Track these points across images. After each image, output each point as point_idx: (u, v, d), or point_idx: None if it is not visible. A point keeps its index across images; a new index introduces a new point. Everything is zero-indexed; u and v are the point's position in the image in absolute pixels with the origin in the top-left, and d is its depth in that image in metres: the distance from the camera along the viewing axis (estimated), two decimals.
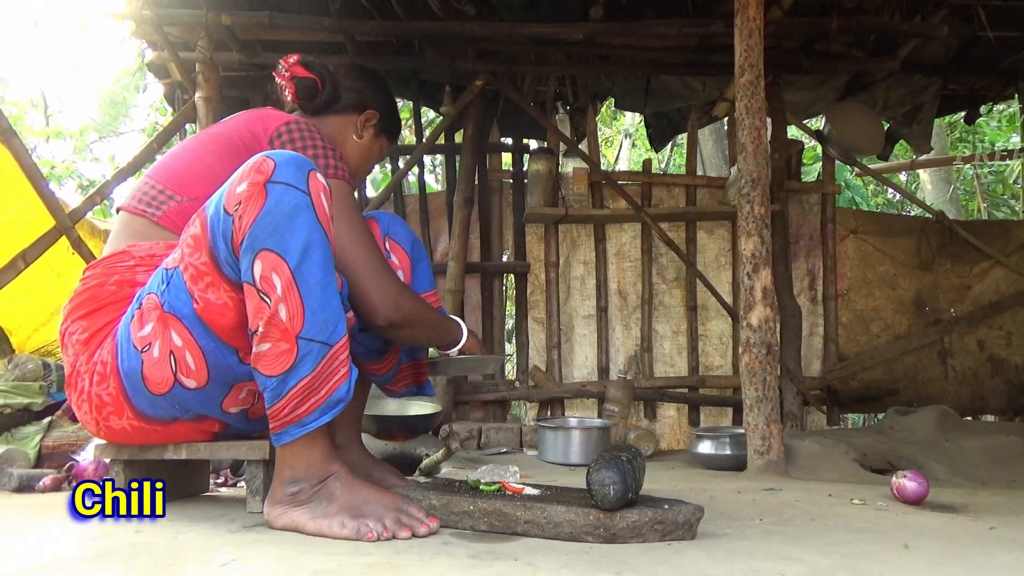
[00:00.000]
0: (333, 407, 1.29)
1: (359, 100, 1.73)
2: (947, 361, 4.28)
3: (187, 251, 1.30)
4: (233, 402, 1.40)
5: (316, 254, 1.25)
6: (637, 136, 10.14)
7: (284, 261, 1.23)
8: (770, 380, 2.43)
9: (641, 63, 3.95)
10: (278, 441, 1.30)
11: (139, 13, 3.38)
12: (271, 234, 1.23)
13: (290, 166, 1.26)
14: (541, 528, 1.27)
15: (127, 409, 1.37)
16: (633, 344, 4.08)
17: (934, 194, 8.87)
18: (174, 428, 1.41)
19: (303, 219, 1.24)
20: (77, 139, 9.97)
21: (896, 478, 1.86)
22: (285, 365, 1.24)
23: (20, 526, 1.39)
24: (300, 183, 1.26)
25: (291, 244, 1.23)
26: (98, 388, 1.37)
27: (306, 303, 1.24)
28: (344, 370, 1.29)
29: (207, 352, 1.31)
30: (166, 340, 1.31)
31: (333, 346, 1.27)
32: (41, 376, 2.58)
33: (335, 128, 1.71)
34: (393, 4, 3.61)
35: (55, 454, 2.25)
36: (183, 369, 1.32)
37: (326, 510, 1.26)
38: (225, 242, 1.25)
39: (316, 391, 1.26)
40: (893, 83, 4.17)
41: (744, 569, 1.11)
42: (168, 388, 1.33)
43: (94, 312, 1.39)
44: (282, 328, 1.23)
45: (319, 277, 1.25)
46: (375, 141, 1.77)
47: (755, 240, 2.47)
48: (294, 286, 1.23)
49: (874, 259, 4.27)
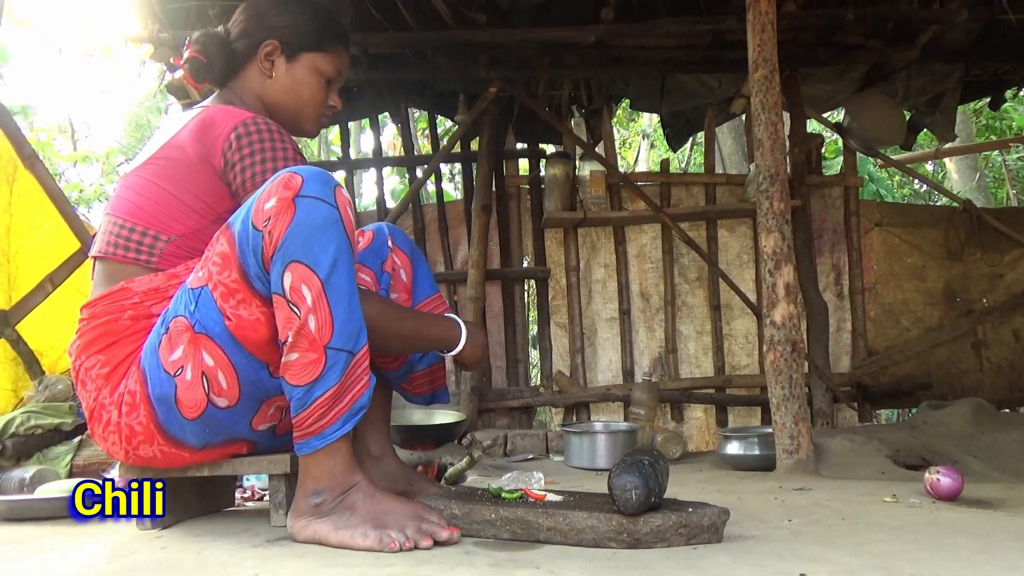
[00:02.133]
0: (355, 415, 1.29)
1: (251, 40, 1.55)
2: (981, 352, 4.18)
3: (215, 269, 1.30)
4: (262, 419, 1.41)
5: (344, 266, 1.26)
6: (655, 136, 10.09)
7: (314, 273, 1.24)
8: (796, 378, 2.39)
9: (655, 63, 3.93)
10: (301, 451, 1.30)
11: (156, 36, 3.44)
12: (301, 246, 1.24)
13: (317, 180, 1.27)
14: (564, 535, 1.26)
15: (158, 436, 1.36)
16: (657, 346, 4.05)
17: (961, 182, 8.71)
18: (204, 454, 1.42)
19: (333, 232, 1.26)
20: (104, 162, 10.16)
21: (929, 474, 1.81)
22: (313, 375, 1.25)
23: (51, 544, 1.41)
24: (328, 196, 1.27)
25: (321, 257, 1.24)
26: (128, 419, 1.36)
27: (335, 314, 1.25)
28: (366, 378, 1.31)
29: (239, 369, 1.32)
30: (198, 361, 1.31)
31: (356, 354, 1.28)
32: (71, 396, 2.63)
33: (249, 85, 1.56)
34: (404, 15, 3.63)
35: (85, 472, 2.28)
36: (215, 388, 1.32)
37: (348, 521, 1.26)
38: (255, 257, 1.26)
39: (341, 399, 1.27)
40: (913, 71, 4.09)
41: (772, 571, 1.08)
42: (201, 411, 1.33)
43: (111, 346, 1.39)
44: (311, 338, 1.24)
45: (347, 288, 1.27)
46: (293, 67, 1.55)
47: (775, 236, 2.43)
48: (324, 297, 1.24)
49: (901, 251, 4.20)
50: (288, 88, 1.56)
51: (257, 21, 1.55)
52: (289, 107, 1.58)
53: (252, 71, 1.56)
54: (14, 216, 3.09)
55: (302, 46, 1.55)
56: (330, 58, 1.58)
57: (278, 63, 1.55)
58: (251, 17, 1.57)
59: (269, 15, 1.56)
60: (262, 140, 1.41)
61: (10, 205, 3.08)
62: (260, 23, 1.55)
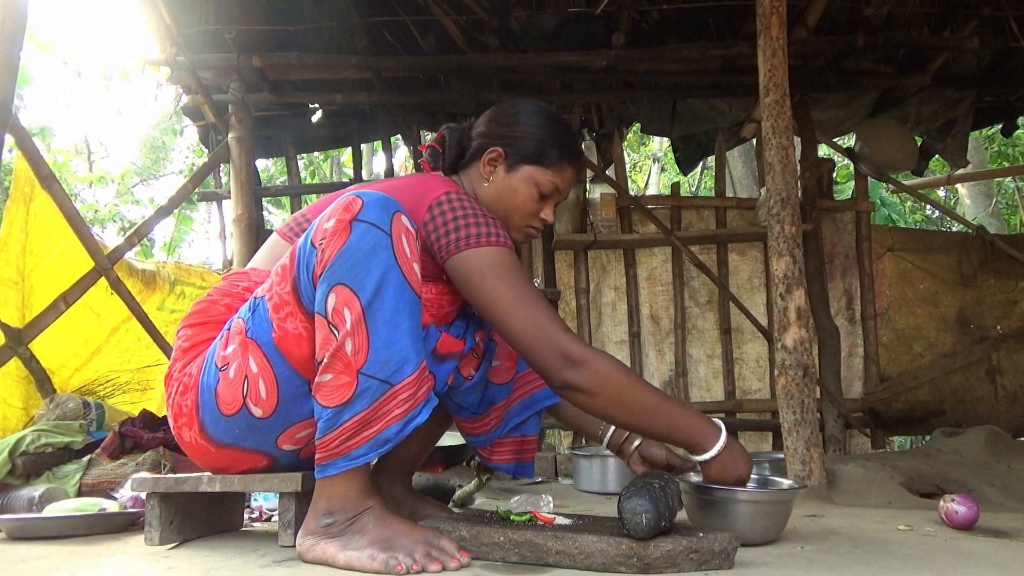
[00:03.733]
0: (381, 445, 1.27)
1: (482, 143, 1.59)
2: (996, 379, 4.14)
3: (276, 280, 1.34)
4: (288, 439, 1.41)
5: (389, 294, 1.25)
6: (666, 160, 10.13)
7: (357, 297, 1.24)
8: (808, 403, 2.37)
9: (666, 87, 3.96)
10: (322, 472, 1.29)
11: (173, 59, 3.50)
12: (349, 270, 1.25)
13: (376, 206, 1.28)
14: (573, 559, 1.25)
15: (196, 423, 1.40)
16: (667, 369, 4.03)
17: (974, 209, 8.68)
18: (226, 453, 1.42)
19: (381, 258, 1.25)
20: (119, 183, 10.28)
21: (944, 502, 1.79)
22: (343, 397, 1.25)
23: (60, 563, 1.40)
24: (383, 223, 1.27)
25: (366, 282, 1.25)
26: (180, 398, 1.42)
27: (372, 340, 1.24)
28: (399, 411, 1.27)
29: (281, 380, 1.34)
30: (243, 364, 1.34)
31: (394, 385, 1.26)
32: (81, 415, 2.63)
33: (469, 181, 1.61)
34: (418, 39, 3.68)
35: (95, 491, 2.27)
36: (252, 395, 1.34)
37: (357, 543, 1.25)
38: (307, 273, 1.29)
39: (369, 426, 1.26)
40: (925, 98, 4.11)
41: None
42: (236, 410, 1.36)
43: (201, 325, 1.46)
44: (345, 361, 1.24)
45: (388, 316, 1.25)
46: (510, 177, 1.56)
47: (787, 260, 2.43)
48: (363, 322, 1.24)
49: (913, 276, 4.17)
50: (500, 194, 1.58)
51: (492, 126, 1.60)
52: (498, 212, 1.58)
53: (475, 170, 1.60)
54: (30, 235, 3.12)
55: (524, 158, 1.56)
56: (550, 174, 1.57)
57: (499, 170, 1.57)
58: (489, 120, 1.62)
59: (503, 122, 1.60)
60: (464, 206, 1.44)
61: (26, 224, 3.11)
62: (494, 128, 1.59)
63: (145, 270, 3.59)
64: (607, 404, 1.37)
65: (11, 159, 4.46)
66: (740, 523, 1.47)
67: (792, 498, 1.58)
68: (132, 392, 3.37)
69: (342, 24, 3.62)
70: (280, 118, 4.11)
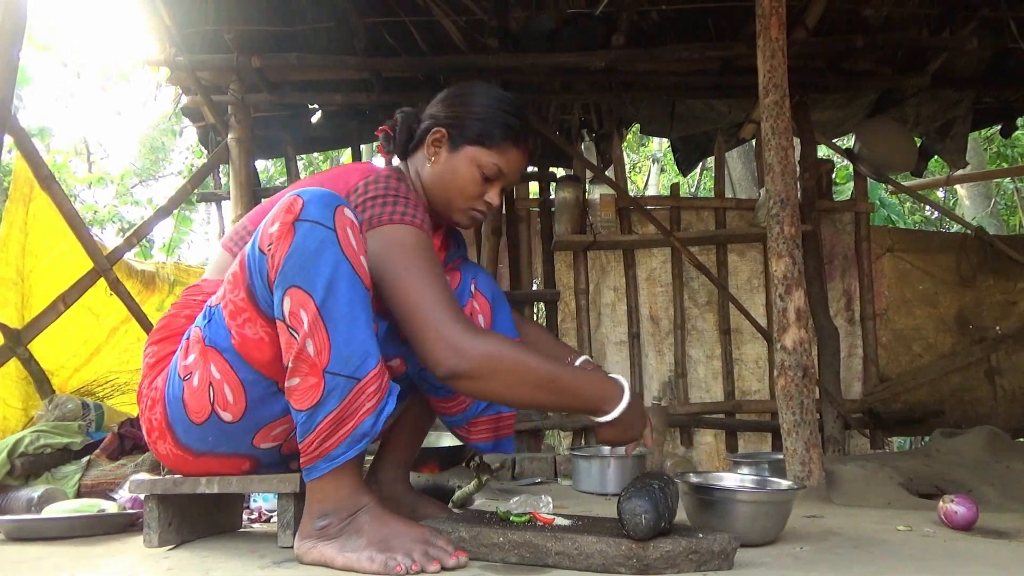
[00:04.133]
0: (359, 441, 1.28)
1: (428, 124, 1.57)
2: (995, 380, 4.13)
3: (228, 288, 1.34)
4: (265, 438, 1.42)
5: (341, 289, 1.25)
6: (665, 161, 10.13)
7: (311, 297, 1.24)
8: (808, 403, 2.37)
9: (665, 88, 3.96)
10: (308, 476, 1.30)
11: (173, 60, 3.50)
12: (299, 271, 1.25)
13: (317, 203, 1.28)
14: (572, 559, 1.25)
15: (168, 435, 1.41)
16: (667, 370, 4.03)
17: (973, 209, 8.68)
18: (205, 461, 1.43)
19: (329, 255, 1.25)
20: (119, 184, 10.27)
21: (943, 503, 1.79)
22: (314, 399, 1.25)
23: (59, 564, 1.40)
24: (326, 219, 1.27)
25: (317, 281, 1.25)
26: (149, 413, 1.43)
27: (332, 338, 1.25)
28: (370, 404, 1.28)
29: (247, 383, 1.34)
30: (206, 371, 1.34)
31: (360, 380, 1.27)
32: (80, 416, 2.62)
33: (415, 165, 1.59)
34: (417, 40, 3.68)
35: (93, 492, 2.27)
36: (220, 401, 1.35)
37: (355, 544, 1.25)
38: (261, 279, 1.29)
39: (344, 424, 1.26)
40: (924, 98, 4.11)
41: None
42: (205, 418, 1.36)
43: (164, 340, 1.47)
44: (310, 363, 1.25)
45: (344, 311, 1.26)
46: (452, 158, 1.54)
47: (786, 261, 2.43)
48: (320, 321, 1.24)
49: (912, 277, 4.17)
50: (442, 176, 1.55)
51: (440, 107, 1.58)
52: (439, 194, 1.57)
53: (421, 153, 1.58)
54: (29, 236, 3.12)
55: (467, 139, 1.53)
56: (493, 155, 1.54)
57: (441, 151, 1.55)
58: (439, 102, 1.60)
59: (448, 104, 1.57)
60: (386, 187, 1.42)
61: (25, 225, 3.11)
62: (441, 110, 1.57)
63: (144, 271, 3.59)
64: (500, 388, 1.32)
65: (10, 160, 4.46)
66: (739, 524, 1.47)
67: (791, 498, 1.58)
68: (131, 393, 3.37)
69: (341, 25, 3.62)
70: (279, 119, 4.10)
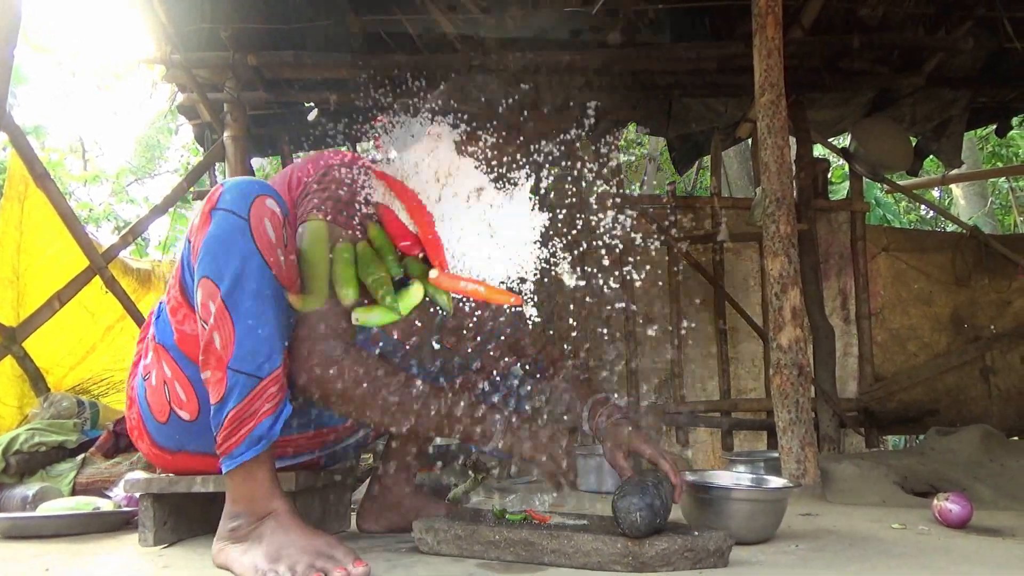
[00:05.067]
0: (256, 443, 1.22)
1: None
2: (989, 379, 4.15)
3: (171, 283, 1.34)
4: None
5: (249, 282, 1.21)
6: (662, 160, 10.13)
7: (217, 288, 1.21)
8: (803, 402, 2.38)
9: (662, 87, 3.96)
10: (223, 471, 1.25)
11: (169, 57, 3.49)
12: (210, 261, 1.21)
13: (234, 191, 1.24)
14: (568, 558, 1.25)
15: (145, 434, 1.43)
16: (663, 369, 4.03)
17: (969, 209, 8.71)
18: (181, 458, 1.43)
19: (238, 246, 1.21)
20: (114, 182, 10.24)
21: (938, 501, 1.79)
22: (219, 394, 1.22)
23: (54, 562, 1.40)
24: (240, 209, 1.22)
25: (225, 272, 1.21)
26: (129, 412, 1.45)
27: (236, 332, 1.20)
28: (269, 406, 1.23)
29: (195, 381, 1.31)
30: (160, 370, 1.36)
31: (262, 379, 1.22)
32: (75, 414, 2.62)
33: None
34: (413, 38, 3.67)
35: (88, 490, 2.27)
36: (175, 400, 1.34)
37: (254, 552, 1.20)
38: (189, 272, 1.27)
39: (244, 423, 1.22)
40: (920, 98, 4.11)
41: None
42: (167, 417, 1.37)
43: (142, 341, 1.48)
44: (216, 356, 1.21)
45: (249, 305, 1.21)
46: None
47: (782, 260, 2.43)
48: (226, 313, 1.20)
49: (908, 276, 4.19)
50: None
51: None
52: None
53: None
54: (24, 234, 3.12)
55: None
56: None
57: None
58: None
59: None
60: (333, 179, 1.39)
61: (21, 223, 3.11)
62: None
63: (140, 269, 3.59)
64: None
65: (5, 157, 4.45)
66: (735, 522, 1.47)
67: (786, 497, 1.59)
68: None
69: (338, 23, 3.61)
70: (276, 117, 4.10)
